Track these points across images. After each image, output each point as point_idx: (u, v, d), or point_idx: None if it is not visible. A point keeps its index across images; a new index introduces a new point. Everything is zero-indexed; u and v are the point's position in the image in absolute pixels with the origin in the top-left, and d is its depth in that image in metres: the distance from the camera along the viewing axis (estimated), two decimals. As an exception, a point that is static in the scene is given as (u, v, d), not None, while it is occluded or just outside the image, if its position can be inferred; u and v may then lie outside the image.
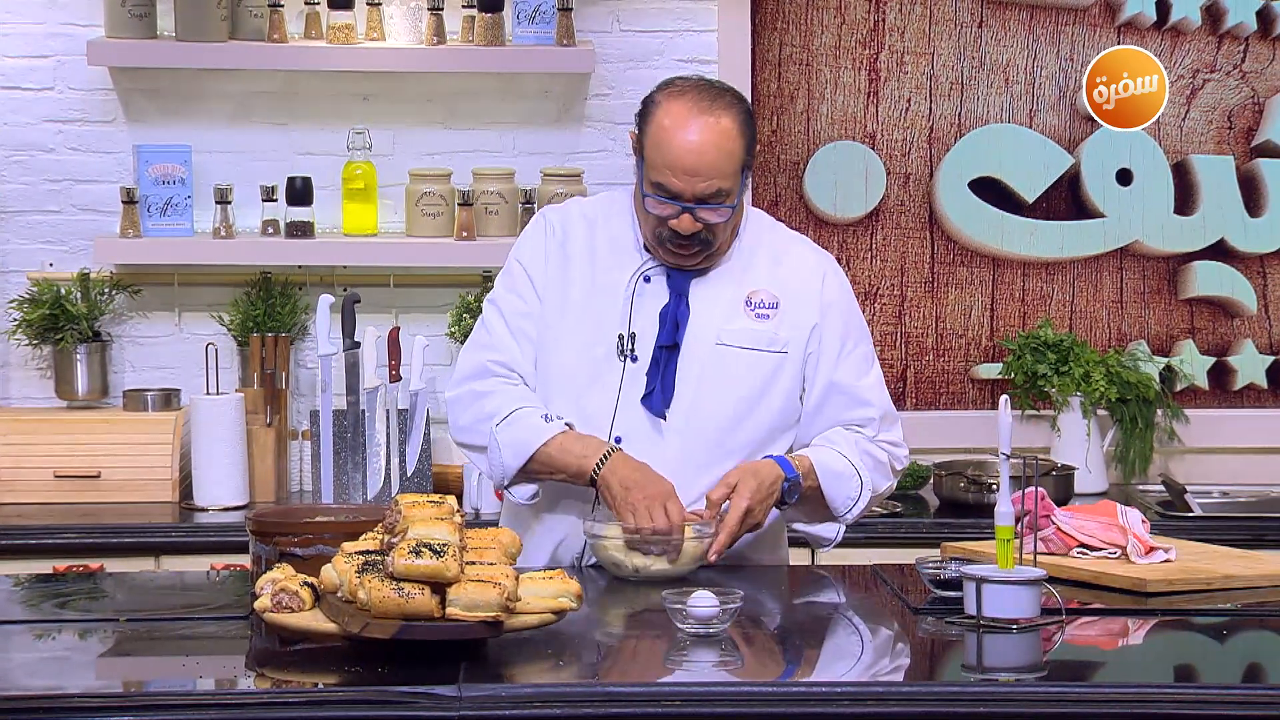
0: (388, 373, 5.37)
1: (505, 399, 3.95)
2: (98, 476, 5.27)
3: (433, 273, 5.58)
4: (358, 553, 3.28)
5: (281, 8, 5.43)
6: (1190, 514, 5.27)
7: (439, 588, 3.14)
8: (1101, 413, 5.60)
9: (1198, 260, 5.79)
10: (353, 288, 5.49)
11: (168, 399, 5.44)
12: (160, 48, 5.41)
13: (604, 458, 3.84)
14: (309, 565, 3.35)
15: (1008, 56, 5.73)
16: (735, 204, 3.89)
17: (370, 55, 5.45)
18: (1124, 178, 5.77)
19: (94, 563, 4.94)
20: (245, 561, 3.73)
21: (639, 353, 3.94)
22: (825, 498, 3.94)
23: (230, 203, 5.45)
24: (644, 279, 3.98)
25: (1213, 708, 3.11)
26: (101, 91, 5.54)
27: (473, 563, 3.27)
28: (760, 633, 3.51)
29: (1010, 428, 3.55)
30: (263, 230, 5.48)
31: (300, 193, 5.46)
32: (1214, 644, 3.50)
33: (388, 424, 5.35)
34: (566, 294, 3.99)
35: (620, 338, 3.96)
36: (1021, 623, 3.41)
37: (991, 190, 5.75)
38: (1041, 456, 5.00)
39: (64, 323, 5.41)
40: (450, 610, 3.14)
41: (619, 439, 3.91)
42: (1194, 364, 5.78)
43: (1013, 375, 5.61)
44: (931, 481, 5.45)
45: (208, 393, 5.36)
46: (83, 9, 5.50)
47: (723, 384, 3.95)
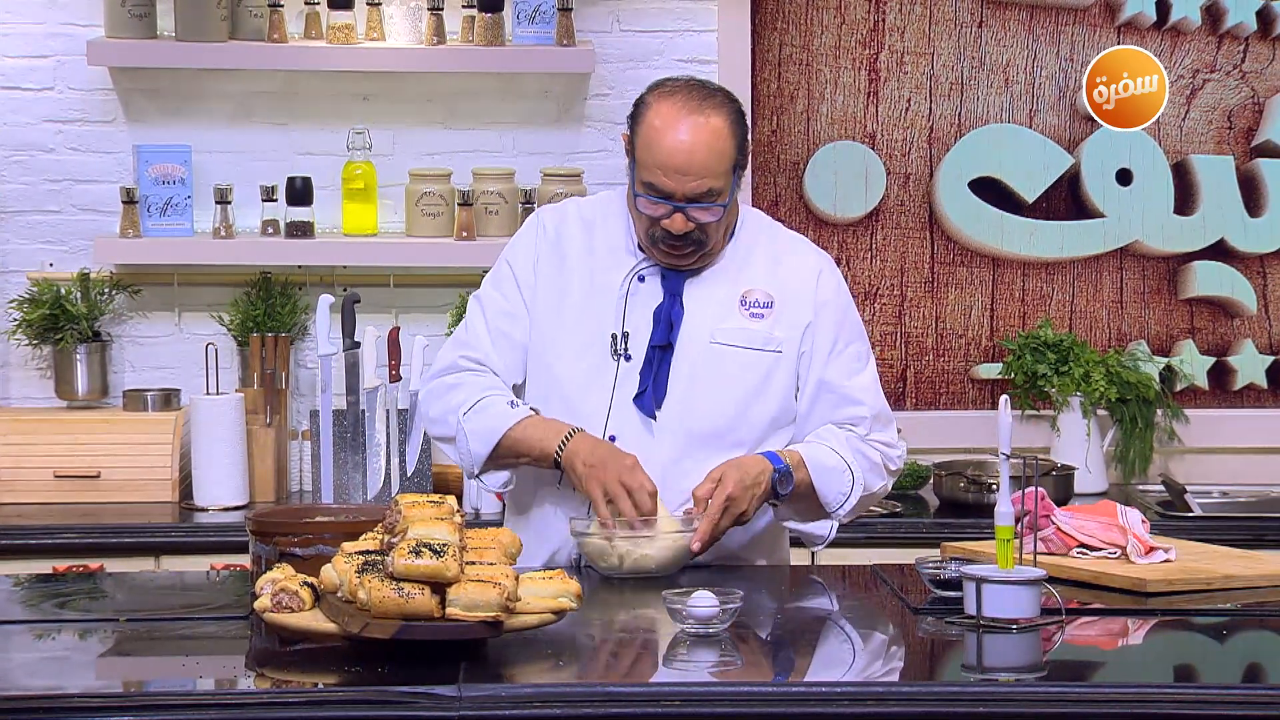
0: (388, 373, 5.37)
1: (471, 389, 3.97)
2: (98, 476, 5.27)
3: (433, 273, 5.58)
4: (358, 553, 3.28)
5: (281, 8, 5.43)
6: (1190, 514, 5.26)
7: (439, 588, 3.14)
8: (1101, 413, 5.60)
9: (1198, 260, 5.79)
10: (353, 288, 5.49)
11: (168, 399, 5.44)
12: (160, 48, 5.41)
13: (565, 438, 3.85)
14: (309, 565, 3.35)
15: (1008, 56, 5.73)
16: (727, 203, 3.89)
17: (370, 55, 5.45)
18: (1124, 178, 5.77)
19: (94, 563, 4.94)
20: (245, 561, 3.73)
21: (633, 352, 3.94)
22: (816, 493, 3.94)
23: (230, 203, 5.45)
24: (638, 278, 3.98)
25: (1213, 708, 3.11)
26: (101, 91, 5.54)
27: (473, 563, 3.27)
28: (760, 633, 3.51)
29: (1010, 428, 3.55)
30: (263, 230, 5.48)
31: (300, 193, 5.46)
32: (1214, 644, 3.49)
33: (388, 424, 5.35)
34: (561, 294, 3.99)
35: (614, 337, 3.96)
36: (1021, 623, 3.40)
37: (991, 190, 5.75)
38: (1041, 456, 5.00)
39: (64, 323, 5.41)
40: (450, 610, 3.14)
41: (613, 438, 3.91)
42: (1194, 364, 5.78)
43: (1013, 375, 5.61)
44: (931, 481, 5.45)
45: (208, 393, 5.36)
46: (83, 9, 5.50)
47: (716, 383, 3.94)
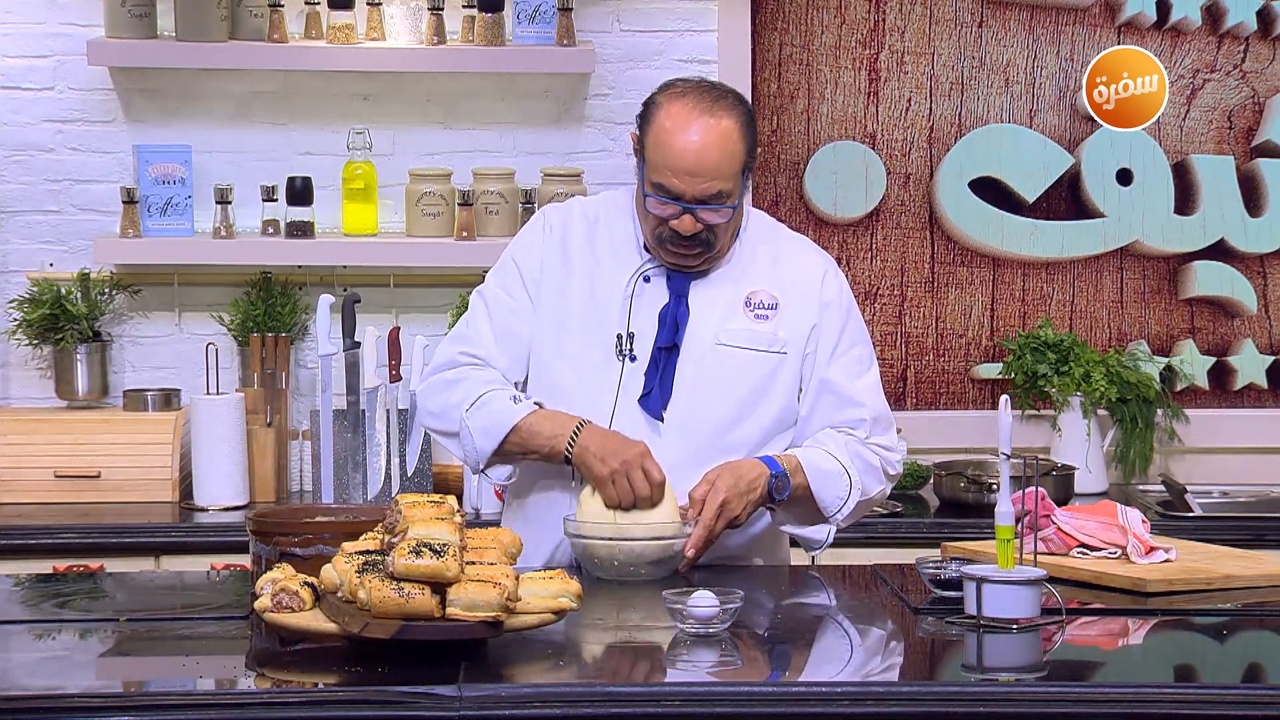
0: (388, 373, 5.37)
1: (472, 384, 3.96)
2: (98, 476, 5.27)
3: (433, 273, 5.57)
4: (358, 553, 3.28)
5: (281, 8, 5.43)
6: (1190, 514, 5.26)
7: (439, 588, 3.14)
8: (1101, 413, 5.60)
9: (1198, 260, 5.79)
10: (353, 288, 5.49)
11: (168, 399, 5.44)
12: (160, 48, 5.41)
13: (574, 434, 3.85)
14: (309, 565, 3.35)
15: (1008, 56, 5.73)
16: (736, 205, 3.89)
17: (370, 55, 5.45)
18: (1124, 178, 5.77)
19: (94, 563, 4.94)
20: (245, 561, 3.73)
21: (638, 353, 3.95)
22: (814, 496, 3.94)
23: (230, 203, 5.44)
24: (643, 279, 3.98)
25: (1213, 708, 3.11)
26: (101, 91, 5.53)
27: (473, 563, 3.27)
28: (760, 633, 3.51)
29: (1010, 428, 3.55)
30: (263, 230, 5.48)
31: (300, 193, 5.46)
32: (1214, 644, 3.49)
33: (388, 424, 5.35)
34: (565, 293, 3.99)
35: (619, 337, 3.96)
36: (1021, 623, 3.40)
37: (991, 190, 5.75)
38: (1041, 456, 4.99)
39: (64, 323, 5.41)
40: (450, 610, 3.14)
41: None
42: (1194, 364, 5.78)
43: (1013, 375, 5.61)
44: (931, 481, 5.45)
45: (208, 393, 5.36)
46: (83, 9, 5.50)
47: (721, 384, 3.94)
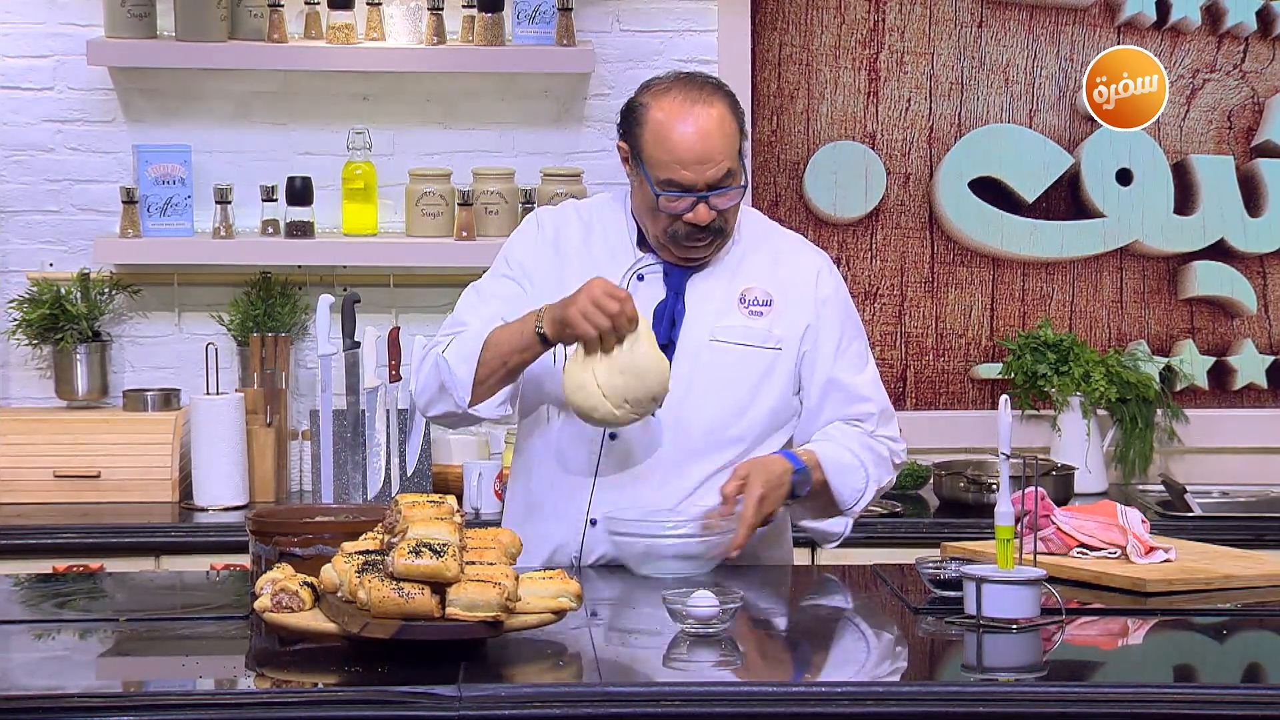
0: (388, 373, 5.37)
1: (444, 340, 3.97)
2: (98, 476, 5.27)
3: (433, 273, 5.57)
4: (358, 553, 3.28)
5: (281, 8, 5.43)
6: (1190, 514, 5.26)
7: (439, 588, 3.14)
8: (1101, 413, 5.60)
9: (1197, 260, 5.79)
10: (353, 288, 5.49)
11: (168, 399, 5.44)
12: (160, 48, 5.41)
13: (541, 310, 3.84)
14: (309, 565, 3.35)
15: (1008, 56, 5.73)
16: (744, 185, 3.92)
17: (370, 55, 5.45)
18: (1124, 178, 5.77)
19: (94, 563, 4.94)
20: (245, 561, 3.73)
21: (633, 349, 3.95)
22: (832, 491, 3.95)
23: (230, 203, 5.44)
24: (638, 277, 3.98)
25: (1213, 708, 3.11)
26: (101, 91, 5.53)
27: (473, 563, 3.27)
28: (760, 633, 3.51)
29: (1010, 428, 3.55)
30: (262, 230, 5.48)
31: (300, 193, 5.46)
32: (1214, 644, 3.49)
33: (388, 424, 5.35)
34: (560, 291, 3.99)
35: (616, 334, 3.96)
36: (1021, 623, 3.40)
37: (991, 190, 5.75)
38: (1041, 456, 5.00)
39: (64, 323, 5.41)
40: (450, 610, 3.14)
41: (614, 435, 3.92)
42: (1194, 364, 5.78)
43: (1013, 375, 5.61)
44: (931, 481, 5.45)
45: (208, 393, 5.36)
46: (83, 9, 5.50)
47: (716, 380, 3.95)
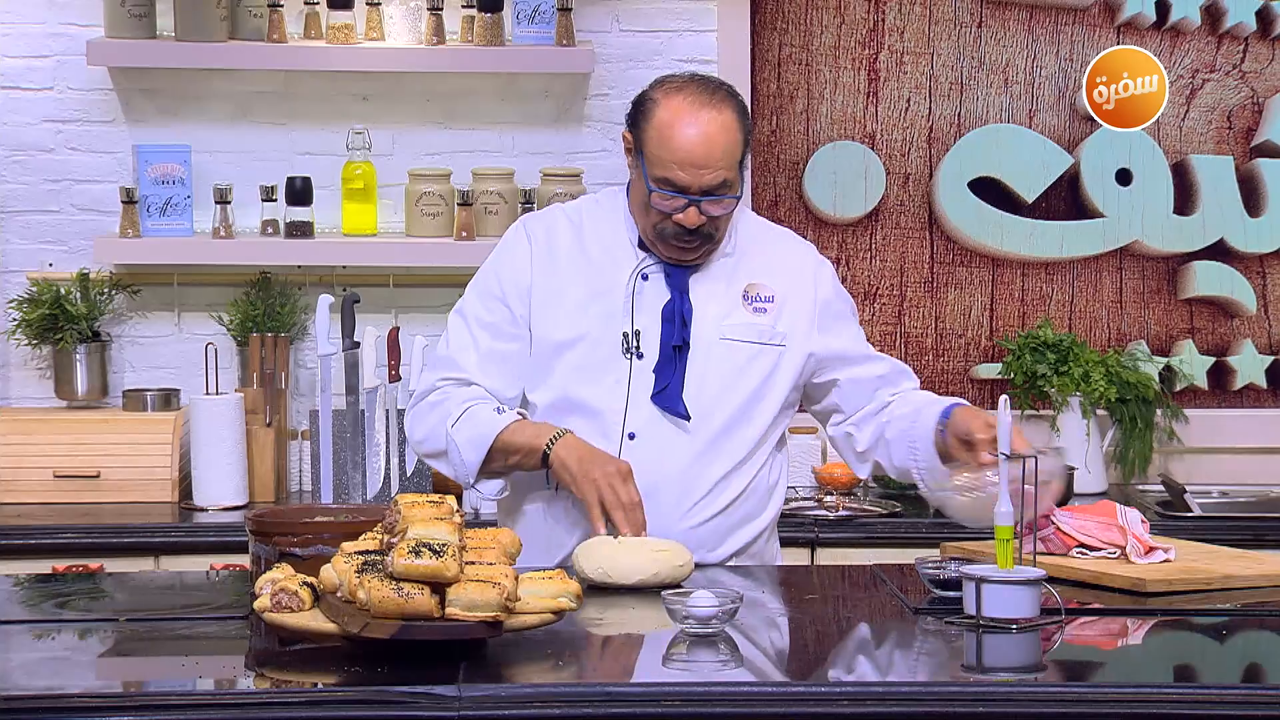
0: (387, 373, 5.37)
1: (454, 400, 3.97)
2: (98, 476, 5.27)
3: (432, 273, 5.57)
4: (357, 553, 3.28)
5: (281, 8, 5.43)
6: (1190, 514, 5.26)
7: (439, 588, 3.14)
8: (1101, 413, 5.59)
9: (1197, 260, 5.79)
10: (352, 288, 5.49)
11: (167, 399, 5.44)
12: (160, 48, 5.41)
13: (555, 437, 3.86)
14: (309, 565, 3.35)
15: (1008, 56, 5.73)
16: (739, 195, 3.92)
17: (370, 55, 5.45)
18: (1124, 178, 5.77)
19: (94, 563, 4.94)
20: (245, 561, 3.73)
21: (644, 349, 3.95)
22: None
23: (230, 203, 5.44)
24: (642, 277, 3.99)
25: (1212, 708, 3.11)
26: (101, 91, 5.54)
27: (472, 563, 3.27)
28: (760, 633, 3.51)
29: (1010, 427, 3.55)
30: (262, 230, 5.48)
31: (300, 193, 5.46)
32: (1214, 644, 3.49)
33: (387, 424, 5.35)
34: (560, 296, 3.99)
35: (625, 335, 3.96)
36: (1021, 623, 3.40)
37: (991, 190, 5.75)
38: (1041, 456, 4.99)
39: (64, 323, 5.41)
40: (450, 610, 3.14)
41: (632, 435, 3.93)
42: (1193, 364, 5.78)
43: (1012, 375, 5.61)
44: (931, 481, 5.44)
45: (207, 393, 5.36)
46: (83, 9, 5.50)
47: (728, 378, 3.97)
